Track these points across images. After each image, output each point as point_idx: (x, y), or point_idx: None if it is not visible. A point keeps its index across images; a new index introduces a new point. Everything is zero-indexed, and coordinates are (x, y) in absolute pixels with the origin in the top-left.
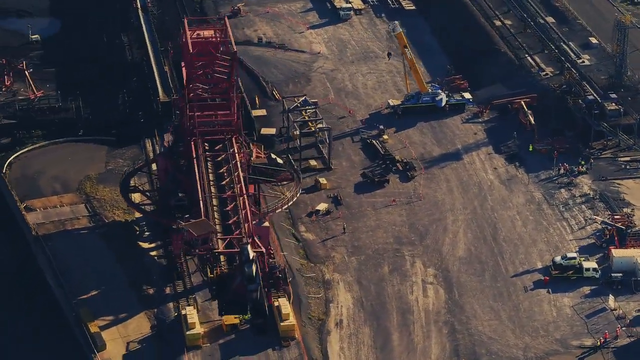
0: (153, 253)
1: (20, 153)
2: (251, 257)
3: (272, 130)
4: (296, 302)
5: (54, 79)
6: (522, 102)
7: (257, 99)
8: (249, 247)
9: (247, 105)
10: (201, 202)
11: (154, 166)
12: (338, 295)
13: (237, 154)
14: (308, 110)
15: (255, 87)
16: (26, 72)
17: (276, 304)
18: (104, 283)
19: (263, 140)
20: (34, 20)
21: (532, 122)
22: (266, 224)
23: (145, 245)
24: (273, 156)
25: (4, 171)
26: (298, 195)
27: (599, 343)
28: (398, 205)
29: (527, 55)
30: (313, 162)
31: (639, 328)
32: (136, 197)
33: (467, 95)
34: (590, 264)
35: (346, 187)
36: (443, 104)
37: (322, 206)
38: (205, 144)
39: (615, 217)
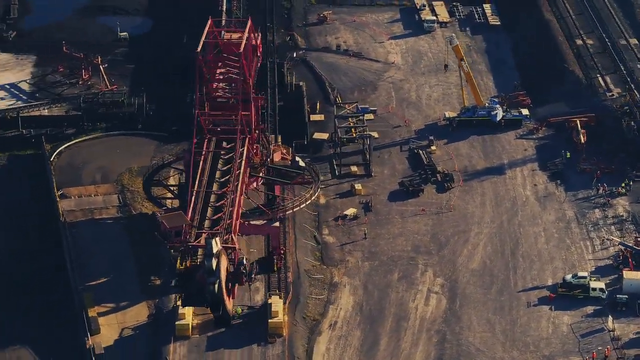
0: None
1: (72, 143)
2: (214, 252)
3: (325, 135)
4: (294, 301)
5: (131, 75)
6: (578, 121)
7: (318, 104)
8: (213, 241)
9: (304, 109)
10: (189, 195)
11: None
12: (341, 298)
13: (242, 153)
14: (355, 117)
15: (320, 92)
16: (101, 66)
17: (269, 301)
18: (113, 271)
19: (314, 144)
20: (129, 18)
21: (583, 141)
22: (276, 224)
23: None
24: (297, 159)
25: (52, 159)
26: (312, 198)
27: None
28: (427, 215)
29: (598, 76)
30: (354, 168)
31: (631, 350)
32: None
33: (525, 112)
34: (598, 284)
35: (381, 195)
36: (498, 118)
37: (350, 211)
38: (224, 142)
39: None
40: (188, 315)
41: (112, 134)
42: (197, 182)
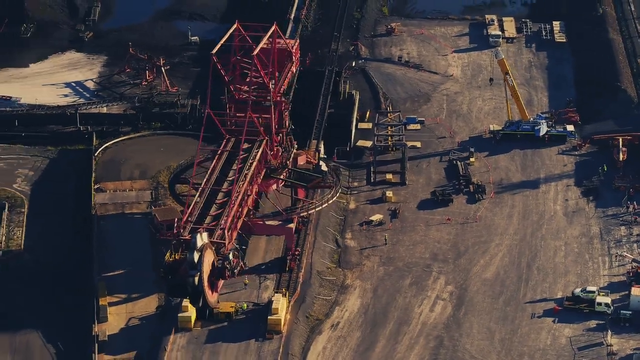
0: None
1: (119, 140)
2: (198, 246)
3: (368, 143)
4: (299, 300)
5: (196, 78)
6: (620, 139)
7: (368, 113)
8: (198, 236)
9: (352, 117)
10: (190, 192)
11: None
12: (348, 300)
13: (255, 155)
14: (394, 126)
15: (373, 102)
16: (163, 68)
17: (272, 298)
18: (131, 264)
19: (357, 151)
20: (204, 23)
21: (622, 159)
22: (291, 225)
23: None
24: (321, 163)
25: (96, 154)
26: (329, 202)
27: None
28: (451, 224)
29: None
30: (389, 176)
31: None
32: None
33: (570, 128)
34: (604, 299)
35: (410, 203)
36: (541, 133)
37: (376, 217)
38: (247, 143)
39: None
40: (191, 308)
41: (159, 133)
42: (204, 180)
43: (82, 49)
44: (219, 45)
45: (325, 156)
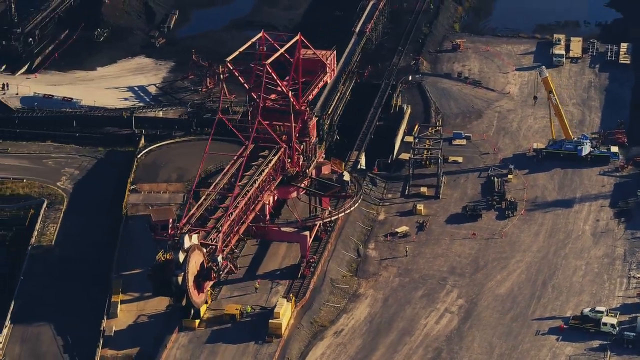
0: None
1: (165, 143)
2: (185, 247)
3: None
4: (306, 306)
5: None
6: None
7: (416, 126)
8: (186, 237)
9: (399, 131)
10: (192, 193)
11: None
12: (357, 308)
13: (269, 161)
14: (432, 140)
15: (423, 115)
16: (221, 76)
17: (276, 302)
18: (149, 264)
19: (398, 164)
20: (275, 35)
21: None
22: (305, 232)
23: None
24: (344, 173)
25: (139, 156)
26: (345, 212)
27: None
28: (476, 239)
29: None
30: (423, 189)
31: None
32: None
33: (614, 149)
34: (610, 320)
35: (440, 216)
36: (584, 153)
37: (401, 229)
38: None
39: None
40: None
41: (204, 138)
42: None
43: (152, 55)
44: (236, 53)
45: (364, 167)
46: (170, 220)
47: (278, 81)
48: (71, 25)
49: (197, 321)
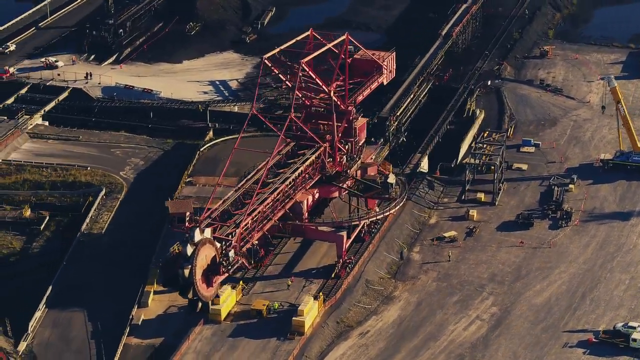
0: None
1: (228, 138)
2: (195, 240)
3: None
4: (335, 305)
5: None
6: None
7: (485, 132)
8: (197, 230)
9: (467, 135)
10: (216, 186)
11: None
12: (388, 310)
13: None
14: (495, 146)
15: (496, 122)
16: (299, 73)
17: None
18: None
19: (460, 168)
20: (366, 34)
21: None
22: (342, 232)
23: None
24: (390, 175)
25: (202, 149)
26: (382, 215)
27: None
28: (523, 247)
29: None
30: (480, 195)
31: None
32: None
33: None
34: (639, 336)
35: (492, 223)
36: None
37: (449, 234)
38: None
39: None
40: (223, 302)
41: (269, 135)
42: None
43: (240, 50)
44: (276, 50)
45: (425, 170)
46: (187, 213)
47: (318, 80)
48: (166, 19)
49: (222, 314)
